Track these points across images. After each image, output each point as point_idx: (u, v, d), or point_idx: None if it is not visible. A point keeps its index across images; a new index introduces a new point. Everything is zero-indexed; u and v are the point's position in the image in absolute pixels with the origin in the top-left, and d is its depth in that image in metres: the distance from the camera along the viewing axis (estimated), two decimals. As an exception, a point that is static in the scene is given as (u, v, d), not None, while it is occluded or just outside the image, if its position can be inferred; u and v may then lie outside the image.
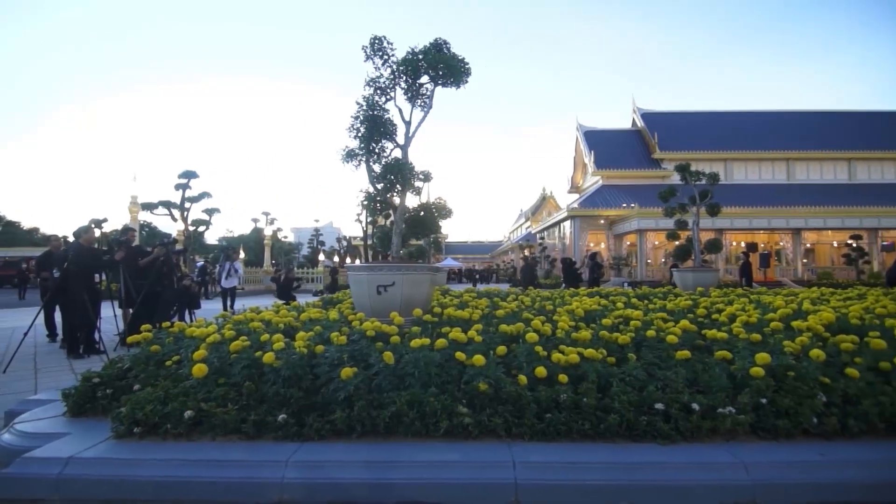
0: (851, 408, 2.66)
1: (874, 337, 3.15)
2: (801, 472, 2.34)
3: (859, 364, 2.90)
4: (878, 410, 2.62)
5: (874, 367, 2.91)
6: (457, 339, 3.25)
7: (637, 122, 36.19)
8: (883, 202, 25.69)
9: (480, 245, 77.80)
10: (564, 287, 12.55)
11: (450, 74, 4.66)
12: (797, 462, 2.38)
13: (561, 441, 2.59)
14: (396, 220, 4.91)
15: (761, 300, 5.76)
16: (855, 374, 2.77)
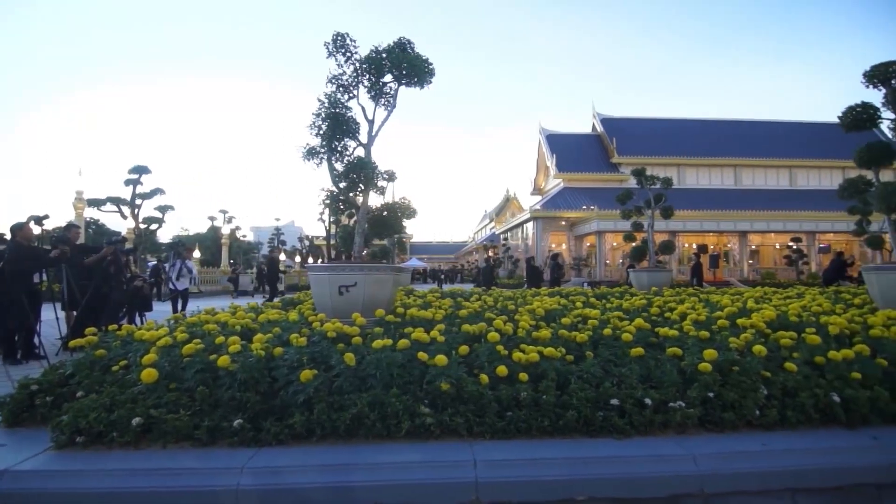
0: (790, 400, 2.83)
1: (810, 333, 3.37)
2: (745, 461, 2.47)
3: (797, 359, 3.09)
4: (814, 402, 2.80)
5: (810, 362, 3.12)
6: (419, 340, 3.25)
7: (597, 126, 37.26)
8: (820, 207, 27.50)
9: (445, 245, 77.99)
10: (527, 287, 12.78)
11: (414, 74, 4.65)
12: (741, 452, 2.52)
13: (521, 438, 2.64)
14: (359, 220, 4.86)
15: (710, 299, 6.06)
16: (793, 369, 2.95)
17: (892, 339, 3.41)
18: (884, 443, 2.63)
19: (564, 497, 2.33)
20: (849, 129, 5.39)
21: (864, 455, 2.56)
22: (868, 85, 5.14)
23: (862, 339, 3.45)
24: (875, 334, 3.49)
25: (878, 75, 5.03)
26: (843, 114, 5.38)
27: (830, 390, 2.84)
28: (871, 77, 5.08)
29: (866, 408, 2.80)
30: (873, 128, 5.52)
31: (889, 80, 5.00)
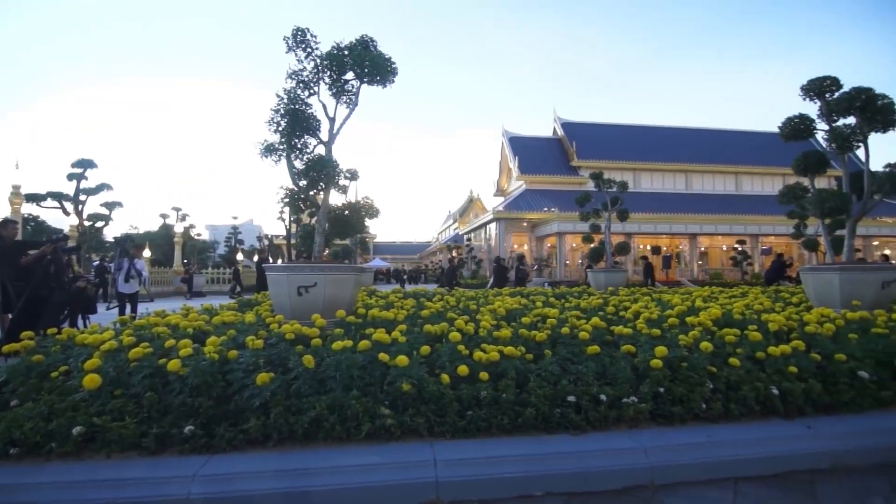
0: (733, 393, 2.99)
1: (752, 330, 3.58)
2: (692, 453, 2.60)
3: (740, 354, 3.27)
4: (755, 395, 2.98)
5: (752, 357, 3.30)
6: (381, 341, 3.22)
7: (558, 130, 38.15)
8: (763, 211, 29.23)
9: (409, 245, 77.69)
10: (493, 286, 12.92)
11: (376, 72, 4.61)
12: (689, 444, 2.65)
13: (481, 437, 2.67)
14: (320, 219, 4.77)
15: (662, 298, 6.32)
16: (736, 364, 3.13)
17: (825, 335, 3.66)
18: (817, 431, 2.82)
19: (523, 493, 2.37)
20: (788, 138, 5.76)
21: (799, 443, 2.74)
22: (805, 98, 5.52)
23: (798, 335, 3.68)
24: (810, 330, 3.74)
25: (814, 89, 5.41)
26: (783, 124, 5.75)
27: (770, 383, 3.02)
28: (808, 91, 5.45)
29: (801, 399, 3.00)
30: (810, 138, 5.92)
31: (823, 94, 5.39)
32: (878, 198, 5.31)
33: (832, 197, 5.27)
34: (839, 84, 5.31)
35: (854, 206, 5.40)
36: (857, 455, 2.72)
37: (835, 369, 3.19)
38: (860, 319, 4.09)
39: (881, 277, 4.95)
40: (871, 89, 5.08)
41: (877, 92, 5.10)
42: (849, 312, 4.27)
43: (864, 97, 5.06)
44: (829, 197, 5.28)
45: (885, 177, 5.13)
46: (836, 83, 5.30)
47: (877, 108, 5.04)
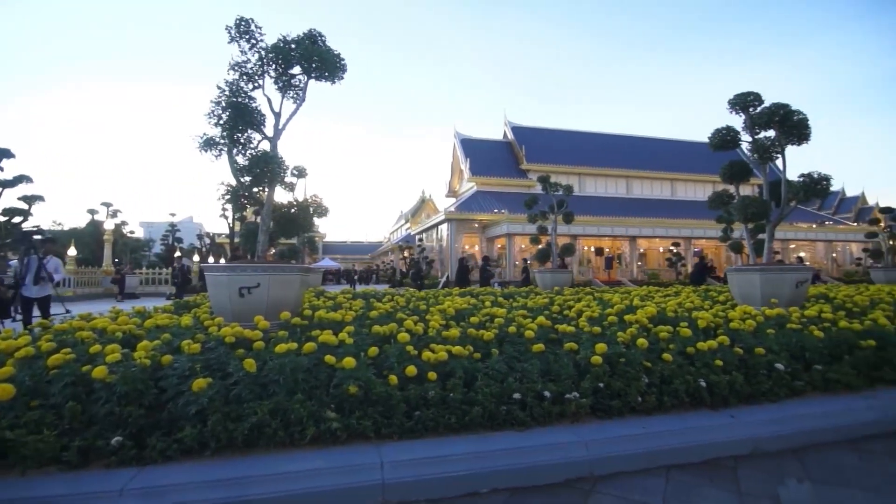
0: (666, 386, 3.18)
1: (684, 327, 3.82)
2: (628, 444, 2.73)
3: (672, 350, 3.48)
4: (685, 387, 3.17)
5: (683, 352, 3.52)
6: (327, 343, 3.15)
7: (508, 134, 38.95)
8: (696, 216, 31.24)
9: (360, 245, 76.57)
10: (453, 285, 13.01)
11: (324, 68, 4.50)
12: (626, 436, 2.78)
13: (429, 437, 2.67)
14: (264, 217, 4.59)
15: (603, 297, 6.61)
16: (669, 359, 3.32)
17: (747, 330, 3.97)
18: (739, 420, 3.04)
19: (469, 491, 2.40)
20: (716, 148, 6.21)
21: (724, 432, 2.94)
22: (731, 111, 5.96)
23: (724, 331, 3.97)
24: (734, 326, 4.04)
25: (739, 103, 5.86)
26: (712, 135, 6.19)
27: (698, 376, 3.24)
28: (734, 104, 5.90)
29: (726, 390, 3.23)
30: (736, 148, 6.40)
31: (747, 108, 5.84)
32: (793, 205, 5.82)
33: (754, 203, 5.73)
34: (761, 99, 5.79)
35: (773, 211, 5.89)
36: (774, 441, 2.96)
37: (755, 362, 3.47)
38: (777, 316, 4.47)
39: (795, 278, 5.44)
40: (788, 105, 5.57)
41: (793, 108, 5.60)
42: (768, 309, 4.65)
43: (783, 112, 5.54)
44: (752, 203, 5.74)
45: (800, 185, 5.64)
46: (759, 98, 5.77)
47: (793, 123, 5.53)
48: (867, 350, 3.80)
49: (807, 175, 5.60)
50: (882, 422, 3.23)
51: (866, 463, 2.76)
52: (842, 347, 3.84)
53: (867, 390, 3.60)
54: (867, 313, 4.79)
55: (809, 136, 5.55)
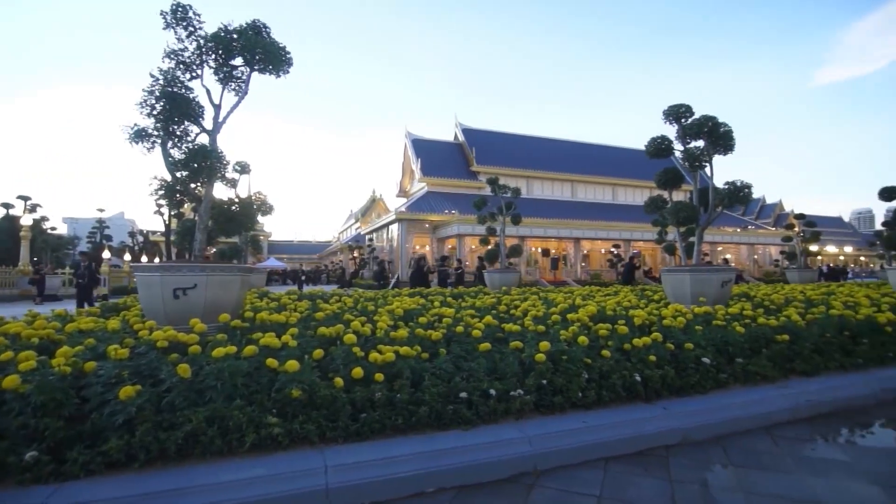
0: (605, 381, 3.32)
1: (621, 325, 4.01)
2: (569, 438, 2.83)
3: (611, 346, 3.65)
4: (622, 382, 3.34)
5: (620, 348, 3.70)
6: (269, 345, 3.04)
7: (459, 136, 39.31)
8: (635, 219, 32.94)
9: (308, 245, 74.48)
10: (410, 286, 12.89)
11: (269, 61, 4.33)
12: (567, 430, 2.88)
13: (375, 439, 2.64)
14: (201, 215, 4.36)
15: (548, 297, 6.82)
16: (607, 355, 3.48)
17: (678, 327, 4.23)
18: (671, 411, 3.24)
19: (415, 491, 2.40)
20: (652, 156, 6.58)
21: (657, 423, 3.12)
22: (666, 121, 6.34)
23: (657, 328, 4.21)
24: (666, 324, 4.29)
25: (672, 114, 6.24)
26: (648, 144, 6.56)
27: (634, 371, 3.41)
28: (668, 115, 6.28)
29: (659, 384, 3.43)
30: (670, 156, 6.81)
31: (680, 119, 6.23)
32: (719, 210, 6.27)
33: (685, 208, 6.13)
34: (692, 111, 6.19)
35: (702, 216, 6.33)
36: (702, 430, 3.17)
37: (685, 357, 3.70)
38: (704, 313, 4.79)
39: (721, 278, 5.87)
40: (715, 118, 5.99)
41: (720, 121, 6.03)
42: (696, 307, 4.99)
43: (711, 124, 5.96)
44: (683, 208, 6.13)
45: (725, 192, 6.09)
46: (690, 110, 6.18)
47: (719, 134, 5.97)
48: (782, 344, 4.16)
49: (731, 183, 6.06)
50: (793, 409, 3.54)
51: (780, 447, 3.01)
52: (760, 342, 4.18)
53: (781, 380, 3.94)
54: (782, 310, 5.24)
55: (734, 146, 6.00)
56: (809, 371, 4.09)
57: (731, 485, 2.52)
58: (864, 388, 3.94)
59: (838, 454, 2.89)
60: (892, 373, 4.27)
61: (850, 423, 3.45)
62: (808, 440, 3.13)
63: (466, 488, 2.47)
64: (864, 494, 2.38)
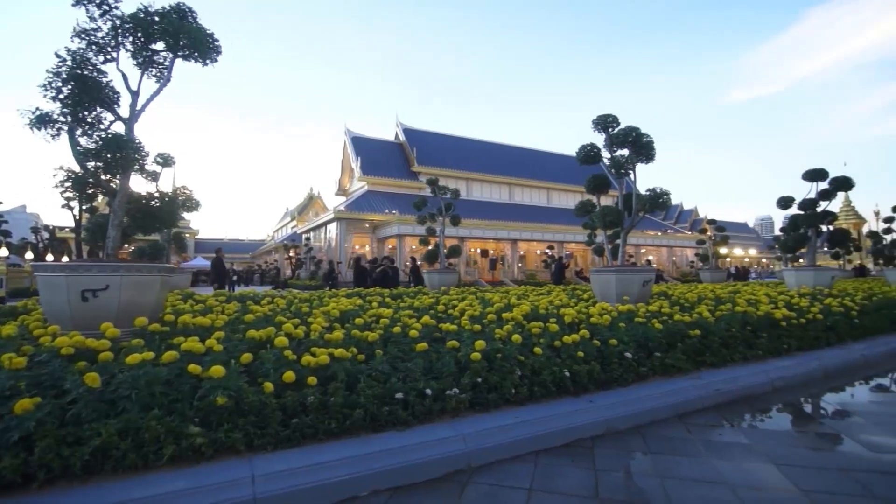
0: (536, 378, 3.45)
1: (552, 322, 4.19)
2: (502, 434, 2.90)
3: (542, 343, 3.80)
4: (552, 378, 3.48)
5: (551, 345, 3.86)
6: (192, 350, 2.87)
7: (400, 135, 39.12)
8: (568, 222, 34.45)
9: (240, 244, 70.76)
10: (354, 287, 12.67)
11: (194, 47, 4.07)
12: (500, 427, 2.95)
13: (307, 444, 2.57)
14: (115, 210, 4.01)
15: (485, 297, 6.96)
16: (539, 352, 3.62)
17: (603, 324, 4.48)
18: (596, 404, 3.42)
19: (348, 496, 2.36)
20: (582, 162, 6.93)
21: (583, 416, 3.27)
22: (595, 130, 6.71)
23: (585, 325, 4.44)
24: (594, 321, 4.53)
25: (601, 123, 6.61)
26: (579, 150, 6.90)
27: (564, 367, 3.57)
28: (597, 124, 6.65)
29: (586, 378, 3.61)
30: (599, 163, 7.20)
31: (607, 128, 6.62)
32: (642, 215, 6.73)
33: (611, 212, 6.52)
34: (618, 121, 6.60)
35: (626, 220, 6.75)
36: (624, 420, 3.37)
37: (609, 352, 3.93)
38: (628, 311, 5.11)
39: (642, 278, 6.29)
40: (638, 128, 6.42)
41: (643, 131, 6.47)
42: (620, 306, 5.31)
43: (635, 134, 6.38)
44: (609, 212, 6.52)
45: (647, 198, 6.54)
46: (616, 120, 6.57)
47: (642, 144, 6.40)
48: (694, 339, 4.54)
49: (652, 190, 6.52)
50: (704, 398, 3.87)
51: (692, 434, 3.28)
52: (676, 337, 4.52)
53: (694, 372, 4.29)
54: (695, 308, 5.71)
55: (654, 156, 6.46)
56: (717, 363, 4.49)
57: (648, 471, 2.70)
58: (762, 376, 4.38)
59: (741, 437, 3.20)
60: (786, 363, 4.78)
61: (751, 409, 3.82)
62: (716, 426, 3.43)
63: (401, 489, 2.47)
64: (762, 472, 2.65)
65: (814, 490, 2.42)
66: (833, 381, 4.65)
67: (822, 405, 3.97)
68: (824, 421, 3.56)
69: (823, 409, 3.86)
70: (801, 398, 4.14)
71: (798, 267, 10.12)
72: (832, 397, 4.18)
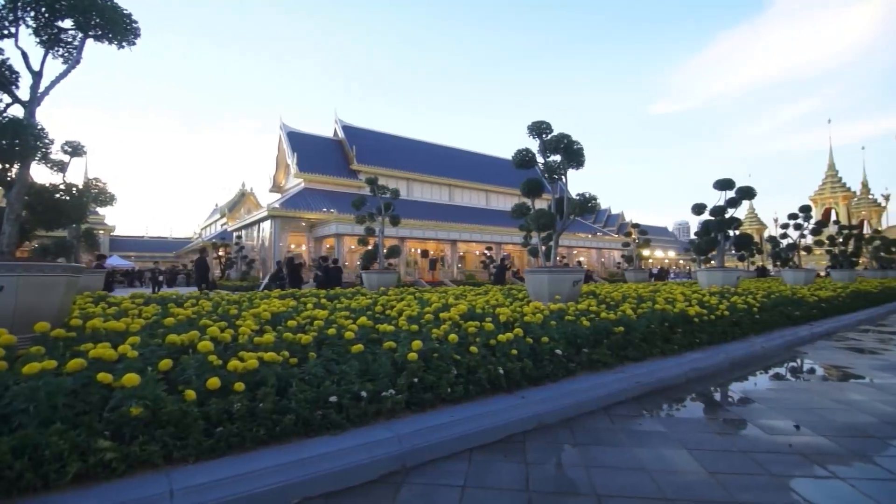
0: (472, 376, 3.51)
1: (488, 322, 4.28)
2: (438, 433, 2.91)
3: (478, 342, 3.87)
4: (487, 376, 3.56)
5: (487, 344, 3.95)
6: (102, 357, 2.63)
7: (339, 132, 38.25)
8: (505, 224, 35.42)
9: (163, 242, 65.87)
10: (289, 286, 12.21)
11: (108, 27, 3.74)
12: (436, 426, 2.97)
13: (234, 453, 2.44)
14: (11, 202, 3.59)
15: (423, 297, 6.99)
16: (475, 351, 3.68)
17: (536, 322, 4.65)
18: (528, 399, 3.54)
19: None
20: (517, 166, 7.16)
21: (516, 411, 3.38)
22: (529, 135, 6.95)
23: (519, 324, 4.58)
24: (527, 320, 4.69)
25: (535, 129, 6.86)
26: (514, 155, 7.12)
27: (498, 365, 3.66)
28: (532, 130, 6.89)
29: (519, 375, 3.73)
30: (534, 167, 7.46)
31: (541, 134, 6.88)
32: (572, 218, 7.06)
33: (544, 215, 6.79)
34: (552, 128, 6.88)
35: (558, 223, 7.05)
36: (554, 415, 3.52)
37: (541, 349, 4.08)
38: (558, 310, 5.34)
39: (572, 278, 6.61)
40: (569, 136, 6.73)
41: (573, 138, 6.79)
42: (552, 304, 5.54)
43: (566, 141, 6.68)
44: (543, 215, 6.78)
45: (577, 202, 6.87)
46: (550, 127, 6.85)
47: (573, 151, 6.72)
48: (618, 335, 4.83)
49: (581, 195, 6.86)
50: (626, 390, 4.12)
51: (615, 424, 3.49)
52: (602, 333, 4.79)
53: (618, 366, 4.56)
54: (619, 306, 6.08)
55: (584, 162, 6.80)
56: (639, 357, 4.81)
57: (576, 461, 2.84)
58: (678, 369, 4.74)
59: (659, 426, 3.45)
60: (698, 355, 5.22)
61: (668, 399, 4.13)
62: (637, 416, 3.68)
63: (335, 494, 2.42)
64: (676, 458, 2.87)
65: (719, 472, 2.66)
66: (738, 372, 5.15)
67: (729, 393, 4.37)
68: (730, 408, 3.92)
69: (730, 397, 4.25)
70: (710, 388, 4.53)
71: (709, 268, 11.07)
72: (737, 386, 4.62)
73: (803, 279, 14.80)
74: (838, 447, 3.01)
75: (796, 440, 3.14)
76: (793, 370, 5.34)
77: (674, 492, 2.43)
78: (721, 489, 2.46)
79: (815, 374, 5.13)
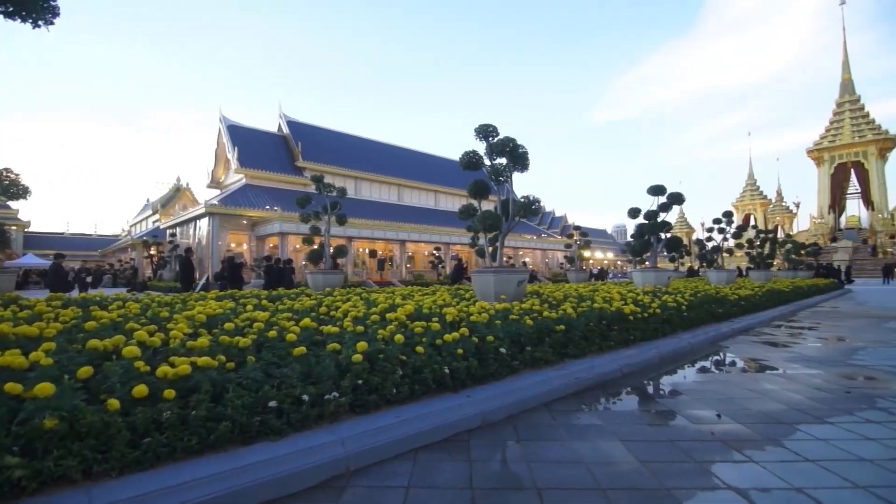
0: (417, 376, 3.51)
1: (434, 322, 4.30)
2: (383, 435, 2.90)
3: (424, 342, 3.87)
4: (433, 375, 3.57)
5: (433, 344, 3.96)
6: (10, 366, 2.39)
7: (283, 128, 36.97)
8: (453, 224, 35.72)
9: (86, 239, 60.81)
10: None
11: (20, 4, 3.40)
12: (380, 427, 2.95)
13: (162, 465, 2.30)
14: None
15: (370, 297, 6.91)
16: (421, 351, 3.69)
17: (482, 322, 4.73)
18: (473, 398, 3.59)
19: (212, 516, 2.17)
20: (465, 168, 7.24)
21: (461, 410, 3.41)
22: (477, 138, 7.05)
23: (465, 323, 4.63)
24: (473, 319, 4.76)
25: (482, 132, 6.97)
26: (462, 157, 7.20)
27: (444, 365, 3.69)
28: (479, 133, 6.99)
29: (465, 374, 3.77)
30: (481, 169, 7.56)
31: (488, 137, 7.00)
32: (517, 219, 7.23)
33: (490, 216, 6.91)
34: (498, 131, 7.01)
35: (504, 224, 7.20)
36: (497, 412, 3.59)
37: (486, 348, 4.15)
38: (503, 309, 5.46)
39: (517, 278, 6.77)
40: (515, 139, 6.89)
41: (518, 142, 6.96)
42: (497, 304, 5.65)
43: (512, 145, 6.83)
44: (489, 216, 6.90)
45: (521, 204, 7.05)
46: (496, 130, 6.99)
47: (518, 154, 6.88)
48: (559, 333, 5.00)
49: (526, 197, 7.05)
50: (566, 386, 4.28)
51: (556, 420, 3.61)
52: (544, 332, 4.94)
53: (559, 363, 4.73)
54: (561, 305, 6.30)
55: (529, 166, 6.99)
56: (578, 354, 5.01)
57: (518, 457, 2.92)
58: (614, 364, 4.99)
59: (596, 420, 3.61)
60: (632, 352, 5.52)
61: (605, 394, 4.33)
62: (577, 411, 3.83)
63: (273, 502, 2.34)
64: (611, 450, 3.02)
65: (650, 461, 2.83)
66: (668, 366, 5.49)
67: (660, 387, 4.65)
68: (660, 400, 4.18)
69: (661, 390, 4.52)
70: (644, 381, 4.80)
71: (643, 269, 11.74)
72: (667, 379, 4.92)
73: (725, 279, 16.02)
74: (753, 433, 3.29)
75: (718, 428, 3.39)
76: (716, 363, 5.77)
77: (608, 482, 2.56)
78: (652, 477, 2.62)
79: (735, 367, 5.57)
